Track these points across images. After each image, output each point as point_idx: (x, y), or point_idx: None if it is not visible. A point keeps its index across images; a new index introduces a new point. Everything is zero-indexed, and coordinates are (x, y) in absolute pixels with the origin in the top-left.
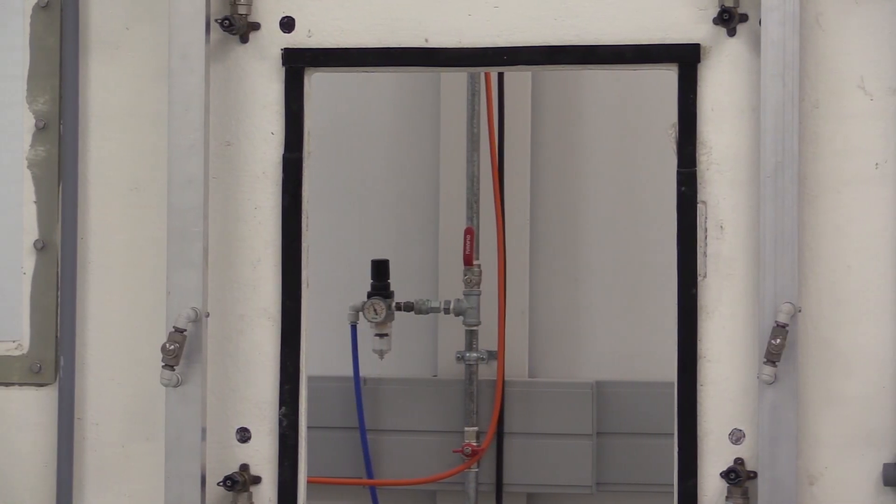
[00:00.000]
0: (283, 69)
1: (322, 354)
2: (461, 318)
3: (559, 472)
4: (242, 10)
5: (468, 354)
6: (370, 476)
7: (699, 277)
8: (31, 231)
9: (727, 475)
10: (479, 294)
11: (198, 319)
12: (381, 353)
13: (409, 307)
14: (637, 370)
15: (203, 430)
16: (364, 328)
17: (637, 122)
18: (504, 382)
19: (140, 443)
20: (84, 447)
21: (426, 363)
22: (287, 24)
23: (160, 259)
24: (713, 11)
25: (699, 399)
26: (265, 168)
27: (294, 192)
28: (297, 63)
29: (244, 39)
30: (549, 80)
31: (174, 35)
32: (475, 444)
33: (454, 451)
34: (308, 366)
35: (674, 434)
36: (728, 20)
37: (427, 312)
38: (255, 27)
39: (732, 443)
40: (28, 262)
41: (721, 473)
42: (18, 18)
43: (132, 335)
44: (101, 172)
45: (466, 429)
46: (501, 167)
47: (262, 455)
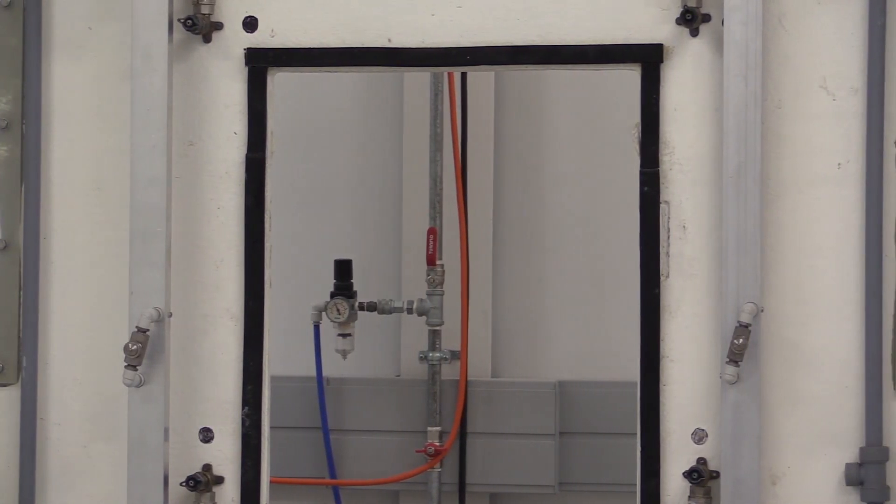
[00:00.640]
0: (246, 69)
1: (285, 354)
2: (424, 318)
3: (522, 472)
4: (205, 10)
5: (431, 354)
6: (333, 476)
7: (662, 277)
8: None
9: (690, 475)
10: (443, 294)
11: (160, 319)
12: (344, 353)
13: (372, 307)
14: (600, 370)
15: (166, 431)
16: (327, 328)
17: (600, 123)
18: (467, 382)
19: (103, 443)
20: (47, 447)
21: (389, 363)
22: (250, 24)
23: (123, 259)
24: (676, 12)
25: (662, 399)
26: (228, 168)
27: (257, 193)
28: (260, 63)
29: (207, 39)
30: (513, 81)
31: (137, 35)
32: (438, 444)
33: (417, 451)
34: (271, 366)
35: (636, 434)
36: (691, 20)
37: (390, 312)
38: (218, 27)
39: (695, 442)
40: None
41: (684, 473)
42: None
43: (95, 335)
44: (64, 172)
45: (429, 429)
46: (465, 167)
47: (225, 455)
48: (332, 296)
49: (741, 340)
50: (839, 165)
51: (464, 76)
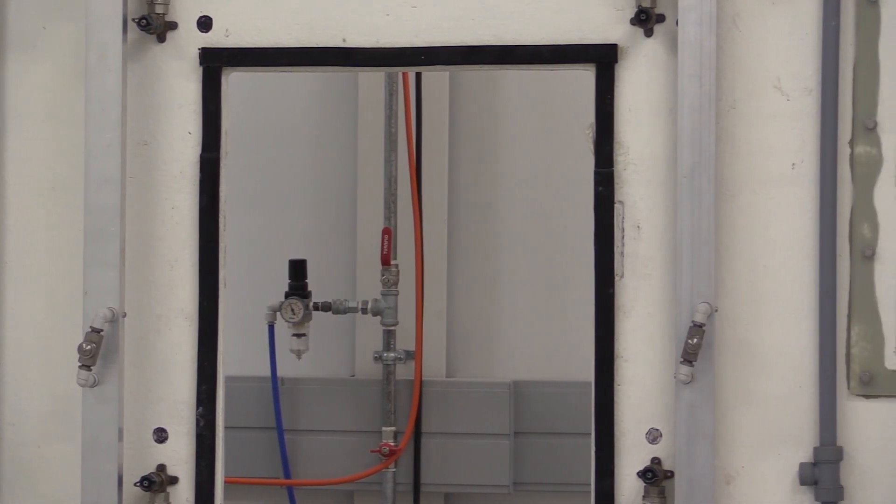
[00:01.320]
0: (201, 69)
1: (239, 354)
2: (379, 318)
3: (476, 472)
4: (160, 10)
5: (386, 354)
6: (287, 476)
7: (616, 277)
8: None
9: (644, 474)
10: (397, 294)
11: (115, 319)
12: (299, 353)
13: (327, 307)
14: (554, 370)
15: (120, 431)
16: (281, 328)
17: (555, 123)
18: (422, 382)
19: (57, 443)
20: (1, 448)
21: (344, 363)
22: (204, 24)
23: (78, 259)
24: (630, 12)
25: (616, 398)
26: (182, 168)
27: (211, 192)
28: (215, 63)
29: (161, 39)
30: (467, 81)
31: (91, 34)
32: (393, 444)
33: (372, 451)
34: (225, 366)
35: (591, 433)
36: (645, 20)
37: (345, 312)
38: (173, 26)
39: (649, 442)
40: None
41: (638, 473)
42: None
43: (49, 335)
44: (19, 171)
45: (384, 428)
46: (419, 167)
47: (179, 455)
48: (287, 296)
49: (695, 340)
50: (793, 165)
51: (418, 76)
